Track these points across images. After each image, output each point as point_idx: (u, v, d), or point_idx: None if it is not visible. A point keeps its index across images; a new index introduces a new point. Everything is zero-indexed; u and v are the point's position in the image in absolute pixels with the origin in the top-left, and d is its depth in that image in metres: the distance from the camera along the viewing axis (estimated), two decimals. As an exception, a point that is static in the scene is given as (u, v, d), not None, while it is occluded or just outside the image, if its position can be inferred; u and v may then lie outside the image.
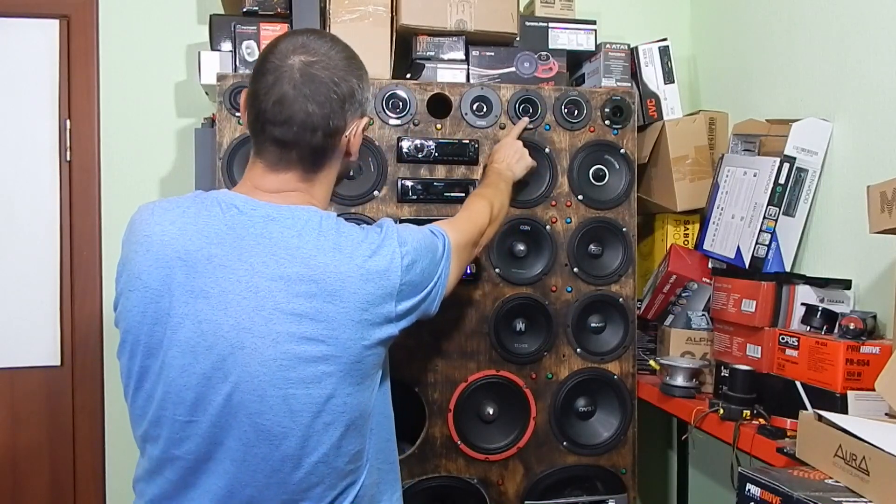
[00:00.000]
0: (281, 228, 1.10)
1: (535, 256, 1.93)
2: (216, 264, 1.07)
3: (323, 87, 1.11)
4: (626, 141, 1.97)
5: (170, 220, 1.10)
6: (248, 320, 1.06)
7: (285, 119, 1.11)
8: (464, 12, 1.98)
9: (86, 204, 2.21)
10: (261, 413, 1.07)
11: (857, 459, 1.13)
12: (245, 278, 1.07)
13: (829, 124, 1.78)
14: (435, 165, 1.87)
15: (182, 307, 1.06)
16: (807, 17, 1.88)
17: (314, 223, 1.12)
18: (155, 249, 1.08)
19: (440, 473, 1.85)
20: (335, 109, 1.13)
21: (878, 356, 1.42)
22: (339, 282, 1.09)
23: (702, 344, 1.93)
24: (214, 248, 1.08)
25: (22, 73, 2.19)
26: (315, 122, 1.12)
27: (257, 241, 1.08)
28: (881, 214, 1.34)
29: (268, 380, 1.06)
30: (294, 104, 1.10)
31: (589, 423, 1.96)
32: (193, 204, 1.12)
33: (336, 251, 1.10)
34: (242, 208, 1.11)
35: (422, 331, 1.86)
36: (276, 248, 1.08)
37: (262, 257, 1.08)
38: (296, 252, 1.08)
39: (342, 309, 1.09)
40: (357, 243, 1.13)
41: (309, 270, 1.08)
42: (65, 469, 2.22)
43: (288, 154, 1.13)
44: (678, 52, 2.27)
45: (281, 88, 1.10)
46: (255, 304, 1.06)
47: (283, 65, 1.11)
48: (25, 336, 2.20)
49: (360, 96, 1.17)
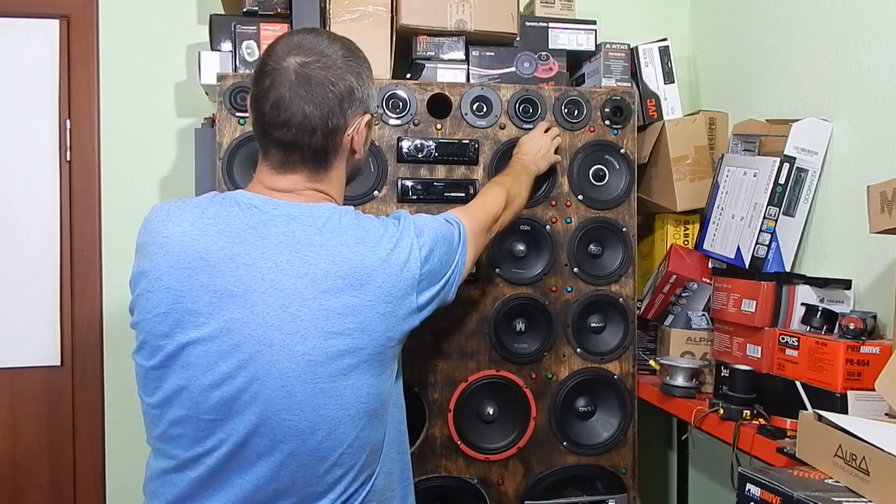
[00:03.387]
0: (303, 226, 1.11)
1: (535, 256, 1.93)
2: (239, 263, 1.07)
3: (319, 88, 1.11)
4: (626, 141, 1.97)
5: (189, 220, 1.10)
6: (276, 318, 1.06)
7: (284, 121, 1.11)
8: (464, 12, 1.98)
9: (86, 204, 2.21)
10: (289, 409, 1.08)
11: (857, 459, 1.13)
12: (270, 276, 1.07)
13: (829, 124, 1.78)
14: (435, 165, 1.87)
15: (206, 307, 1.07)
16: (807, 16, 1.88)
17: (335, 219, 1.13)
18: (176, 250, 1.08)
19: (440, 473, 1.86)
20: (333, 109, 1.12)
21: (878, 356, 1.42)
22: (365, 275, 1.10)
23: (702, 344, 1.93)
24: (237, 248, 1.08)
25: (22, 73, 2.19)
26: (313, 122, 1.11)
27: (280, 240, 1.09)
28: (881, 214, 1.34)
29: (296, 376, 1.07)
30: (291, 106, 1.10)
31: (589, 423, 1.96)
32: (211, 204, 1.13)
33: (360, 244, 1.12)
34: (263, 208, 1.11)
35: (422, 331, 1.84)
36: (300, 246, 1.09)
37: (286, 255, 1.08)
38: (320, 249, 1.09)
39: (368, 302, 1.10)
40: (379, 237, 1.14)
41: (334, 266, 1.09)
42: (65, 469, 2.21)
43: (291, 156, 1.14)
44: (678, 52, 2.27)
45: (278, 91, 1.10)
46: (283, 301, 1.07)
47: (280, 67, 1.11)
48: (25, 336, 2.20)
49: (360, 93, 1.16)
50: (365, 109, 1.19)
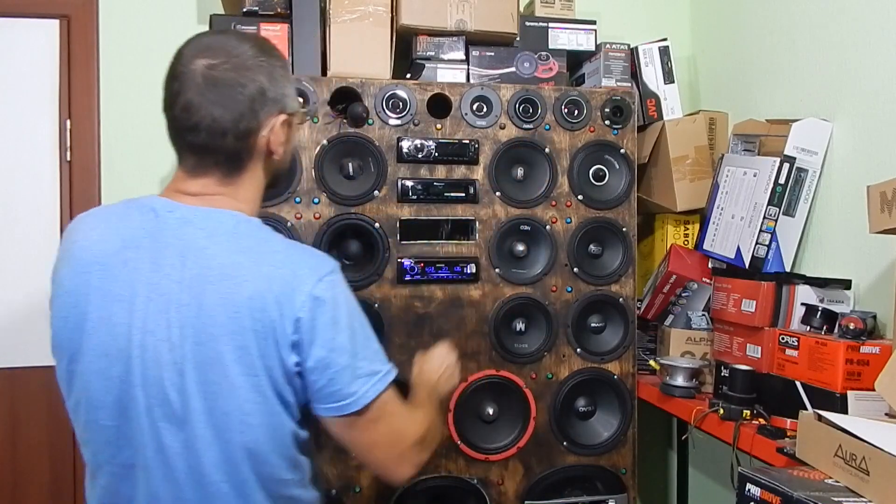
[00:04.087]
0: (194, 230, 1.08)
1: (535, 256, 1.93)
2: (131, 268, 1.07)
3: (228, 90, 1.08)
4: (626, 141, 1.97)
5: (92, 226, 1.11)
6: (153, 323, 1.05)
7: (193, 126, 1.08)
8: (464, 12, 1.98)
9: (86, 204, 2.20)
10: (167, 417, 1.06)
11: (857, 459, 1.13)
12: (154, 280, 1.06)
13: (829, 124, 1.78)
14: (435, 165, 1.87)
15: (97, 311, 1.06)
16: (807, 16, 1.88)
17: (229, 226, 1.09)
18: (77, 256, 1.09)
19: (440, 473, 1.86)
20: (244, 111, 1.09)
21: (878, 356, 1.42)
22: (236, 284, 1.04)
23: (702, 344, 1.93)
24: (130, 252, 1.07)
25: (22, 73, 2.19)
26: (224, 126, 1.08)
27: (170, 244, 1.07)
28: (881, 214, 1.34)
29: (170, 384, 1.05)
30: (200, 110, 1.07)
31: (589, 423, 1.96)
32: (118, 209, 1.13)
33: (242, 254, 1.07)
34: (160, 212, 1.10)
35: (422, 331, 1.86)
36: (186, 250, 1.07)
37: (171, 259, 1.06)
38: (201, 253, 1.06)
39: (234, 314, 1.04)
40: (271, 252, 1.08)
41: (209, 271, 1.06)
42: (65, 469, 2.21)
43: (203, 159, 1.11)
44: (678, 52, 2.27)
45: (185, 95, 1.08)
46: (160, 306, 1.05)
47: (187, 70, 1.09)
48: (25, 336, 2.20)
49: (273, 93, 1.12)
50: (280, 109, 1.13)
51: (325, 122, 1.82)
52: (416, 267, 1.84)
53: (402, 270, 1.84)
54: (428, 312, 1.86)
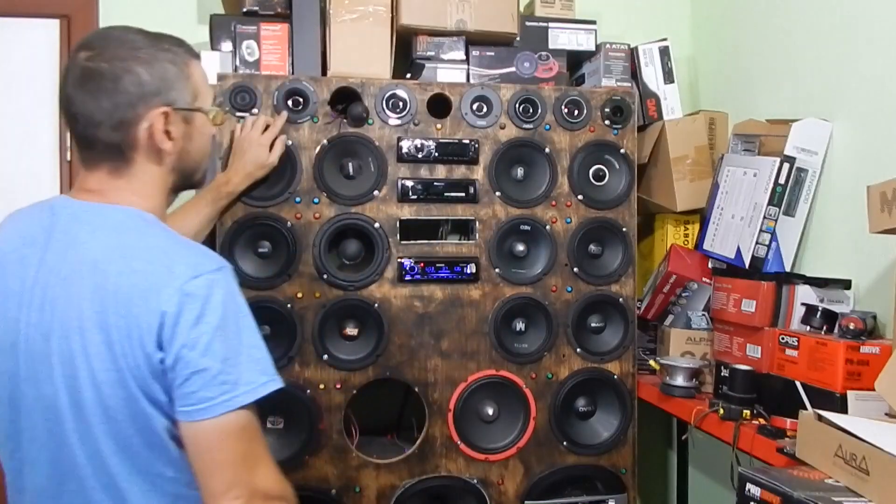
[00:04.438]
0: (80, 226, 1.08)
1: (535, 256, 1.93)
2: (25, 264, 1.09)
3: (103, 81, 1.07)
4: (626, 141, 1.97)
5: (4, 225, 1.16)
6: (37, 317, 1.06)
7: (72, 117, 1.09)
8: (464, 12, 1.98)
9: (86, 204, 2.21)
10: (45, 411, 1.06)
11: (857, 459, 1.13)
12: (40, 276, 1.07)
13: (829, 124, 1.78)
14: (435, 165, 1.87)
15: None
16: (807, 17, 1.88)
17: (114, 221, 1.08)
18: None
19: (440, 473, 1.85)
20: (119, 102, 1.07)
21: (877, 356, 1.42)
22: (104, 279, 1.03)
23: (702, 344, 1.93)
24: (27, 250, 1.09)
25: (22, 73, 2.19)
26: (98, 117, 1.07)
27: (58, 240, 1.08)
28: (881, 214, 1.34)
29: (45, 378, 1.05)
30: (75, 101, 1.08)
31: (589, 423, 1.96)
32: (29, 209, 1.16)
33: (118, 249, 1.05)
34: (56, 209, 1.11)
35: (422, 331, 1.86)
36: (69, 246, 1.07)
37: (55, 255, 1.07)
38: (79, 248, 1.06)
39: (99, 309, 1.03)
40: (149, 248, 1.06)
41: (82, 266, 1.05)
42: None
43: (89, 152, 1.11)
44: (678, 52, 2.27)
45: (66, 89, 1.09)
46: (42, 300, 1.06)
47: (71, 64, 1.10)
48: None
49: (153, 86, 1.08)
50: (165, 102, 1.10)
51: (325, 121, 1.82)
52: (416, 267, 1.84)
53: (402, 270, 1.84)
54: (428, 312, 1.86)
